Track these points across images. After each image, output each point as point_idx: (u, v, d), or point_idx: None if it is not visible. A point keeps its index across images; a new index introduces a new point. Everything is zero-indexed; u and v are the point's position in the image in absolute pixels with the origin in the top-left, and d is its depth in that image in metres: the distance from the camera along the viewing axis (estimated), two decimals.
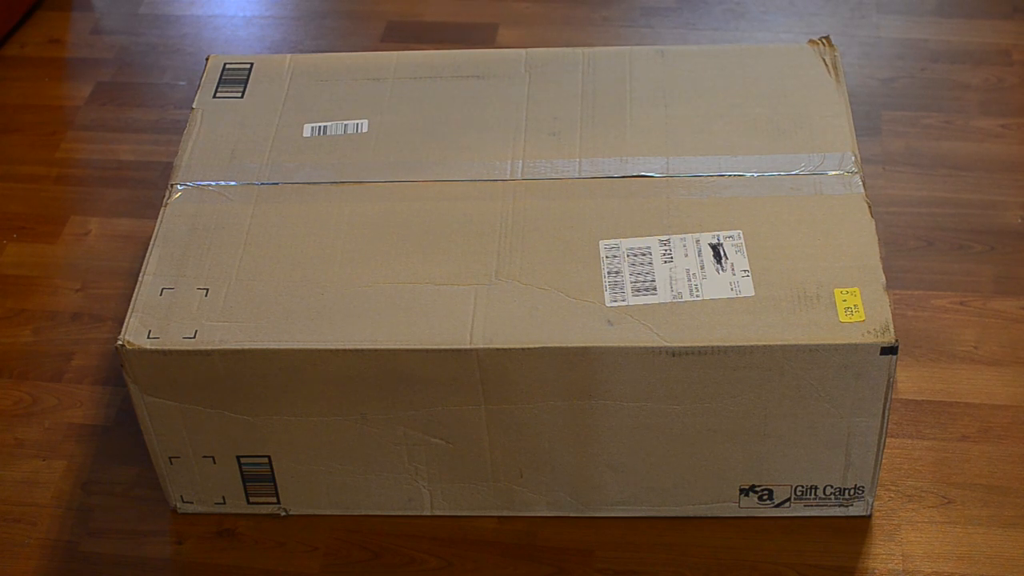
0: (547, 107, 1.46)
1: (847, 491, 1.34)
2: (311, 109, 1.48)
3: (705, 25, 2.05)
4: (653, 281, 1.27)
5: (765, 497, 1.34)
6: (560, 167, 1.39)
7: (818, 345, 1.21)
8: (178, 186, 1.40)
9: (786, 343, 1.21)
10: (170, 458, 1.34)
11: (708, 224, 1.32)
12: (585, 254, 1.30)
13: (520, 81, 1.50)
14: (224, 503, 1.39)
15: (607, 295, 1.26)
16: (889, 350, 1.21)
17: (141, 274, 1.31)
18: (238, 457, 1.34)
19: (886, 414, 1.27)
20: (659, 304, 1.25)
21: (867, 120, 1.83)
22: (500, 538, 1.37)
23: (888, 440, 1.41)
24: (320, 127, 1.45)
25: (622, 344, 1.22)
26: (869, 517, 1.36)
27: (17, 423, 1.51)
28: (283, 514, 1.39)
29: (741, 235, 1.30)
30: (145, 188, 1.80)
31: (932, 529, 1.36)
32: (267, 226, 1.35)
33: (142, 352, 1.25)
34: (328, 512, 1.39)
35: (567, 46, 1.56)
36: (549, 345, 1.23)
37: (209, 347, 1.25)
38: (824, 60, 1.49)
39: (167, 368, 1.26)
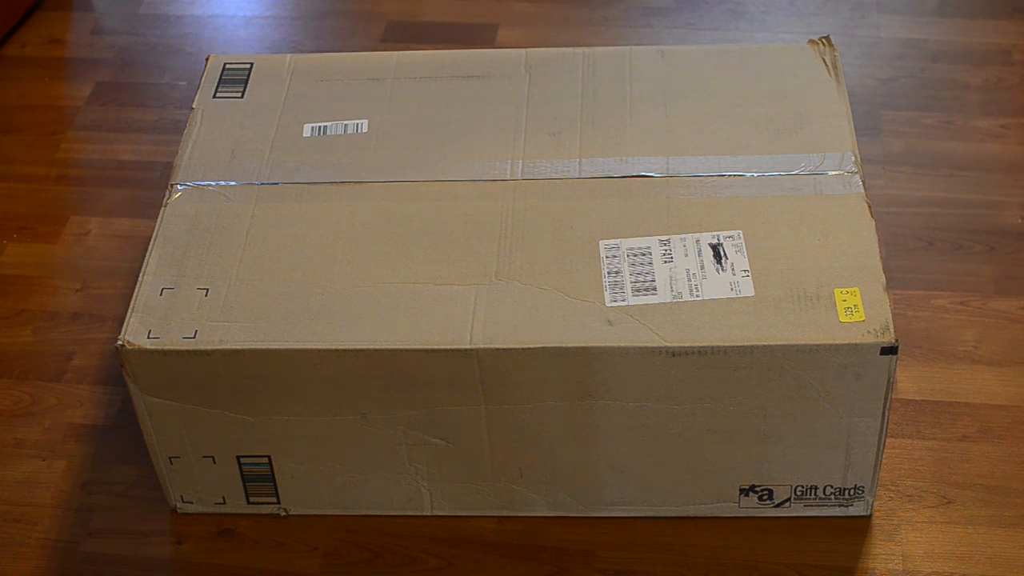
0: (547, 107, 1.46)
1: (847, 491, 1.33)
2: (311, 109, 1.48)
3: (705, 25, 2.05)
4: (653, 281, 1.27)
5: (765, 497, 1.34)
6: (560, 167, 1.39)
7: (818, 345, 1.21)
8: (178, 186, 1.40)
9: (786, 343, 1.21)
10: (170, 458, 1.34)
11: (708, 224, 1.32)
12: (585, 254, 1.30)
13: (520, 81, 1.49)
14: (224, 503, 1.39)
15: (607, 295, 1.26)
16: (889, 350, 1.21)
17: (141, 274, 1.31)
18: (238, 457, 1.34)
19: (886, 414, 1.27)
20: (659, 304, 1.25)
21: (867, 120, 1.83)
22: (500, 538, 1.37)
23: (888, 440, 1.41)
24: (320, 127, 1.45)
25: (622, 344, 1.22)
26: (869, 517, 1.36)
27: (17, 423, 1.51)
28: (283, 514, 1.39)
29: (741, 235, 1.30)
30: (145, 188, 1.80)
31: (932, 529, 1.36)
32: (267, 226, 1.35)
33: (142, 352, 1.25)
34: (328, 512, 1.39)
35: (567, 46, 1.56)
36: (549, 345, 1.23)
37: (209, 347, 1.25)
38: (824, 60, 1.49)
39: (167, 368, 1.26)
